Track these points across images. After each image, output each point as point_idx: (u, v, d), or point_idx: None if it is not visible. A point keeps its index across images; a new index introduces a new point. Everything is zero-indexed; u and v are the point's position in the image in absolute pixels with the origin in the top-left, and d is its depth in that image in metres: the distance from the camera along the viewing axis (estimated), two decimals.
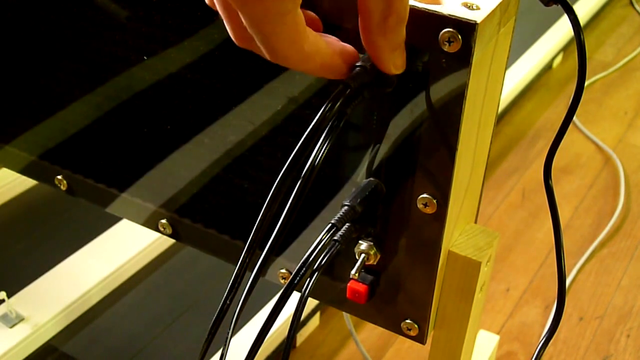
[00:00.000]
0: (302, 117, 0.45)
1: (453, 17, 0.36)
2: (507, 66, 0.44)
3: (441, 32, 0.36)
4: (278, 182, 0.36)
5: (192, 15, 0.46)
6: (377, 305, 0.48)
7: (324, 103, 0.35)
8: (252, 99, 0.47)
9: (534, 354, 0.50)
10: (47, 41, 0.54)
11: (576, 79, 0.42)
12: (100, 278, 1.08)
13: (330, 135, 0.36)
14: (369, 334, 1.15)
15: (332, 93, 0.36)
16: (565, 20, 1.80)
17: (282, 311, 0.37)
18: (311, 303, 1.11)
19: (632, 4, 2.14)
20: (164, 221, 0.56)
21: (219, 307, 0.39)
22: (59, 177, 0.61)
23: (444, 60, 0.37)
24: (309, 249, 0.39)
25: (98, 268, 1.10)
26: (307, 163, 0.36)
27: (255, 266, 0.37)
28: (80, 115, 0.56)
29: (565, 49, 1.84)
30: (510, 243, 1.34)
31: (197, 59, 0.47)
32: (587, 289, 1.25)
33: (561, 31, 1.80)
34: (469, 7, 0.37)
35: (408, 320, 0.48)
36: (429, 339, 0.49)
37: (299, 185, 0.36)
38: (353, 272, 0.44)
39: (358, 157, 0.44)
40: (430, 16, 0.36)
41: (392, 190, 0.43)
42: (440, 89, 0.38)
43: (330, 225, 0.41)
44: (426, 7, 0.36)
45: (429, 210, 0.42)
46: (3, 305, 1.01)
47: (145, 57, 0.50)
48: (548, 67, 1.81)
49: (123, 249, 1.13)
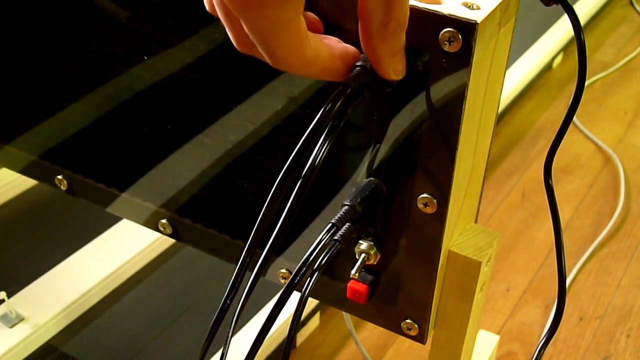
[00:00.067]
0: (302, 117, 0.45)
1: (453, 16, 0.36)
2: (507, 66, 0.44)
3: (441, 32, 0.36)
4: (278, 182, 0.36)
5: (192, 15, 0.46)
6: (377, 305, 0.48)
7: (324, 103, 0.35)
8: (253, 99, 0.47)
9: (534, 354, 0.50)
10: (47, 41, 0.54)
11: (576, 79, 0.42)
12: (100, 278, 1.08)
13: (331, 135, 0.36)
14: (369, 334, 1.15)
15: (332, 93, 0.36)
16: (565, 20, 1.80)
17: (282, 311, 0.37)
18: (311, 303, 1.11)
19: (632, 4, 2.14)
20: (164, 221, 0.56)
21: (220, 307, 0.39)
22: (59, 177, 0.61)
23: (444, 60, 0.37)
24: (309, 248, 0.39)
25: (98, 268, 1.10)
26: (307, 163, 0.36)
27: (255, 266, 0.37)
28: (81, 115, 0.56)
29: (565, 49, 1.84)
30: (510, 243, 1.34)
31: (198, 59, 0.47)
32: (587, 289, 1.25)
33: (561, 31, 1.80)
34: (469, 7, 0.37)
35: (408, 320, 0.48)
36: (429, 339, 0.49)
37: (299, 185, 0.36)
38: (353, 271, 0.44)
39: (358, 157, 0.44)
40: (430, 16, 0.36)
41: (392, 190, 0.43)
42: (440, 88, 0.38)
43: (330, 225, 0.41)
44: (426, 6, 0.36)
45: (429, 210, 0.42)
46: (3, 305, 1.01)
47: (145, 57, 0.50)
48: (548, 67, 1.81)
49: (123, 249, 1.13)
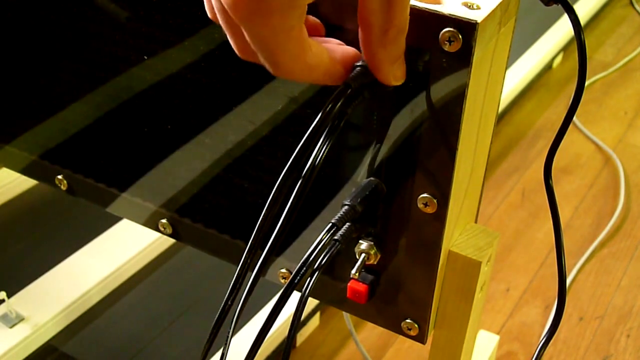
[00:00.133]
0: (302, 116, 0.45)
1: (453, 16, 0.36)
2: (507, 66, 0.44)
3: (441, 32, 0.36)
4: (279, 183, 0.36)
5: (192, 15, 0.46)
6: (378, 305, 0.48)
7: (324, 103, 0.35)
8: (253, 99, 0.47)
9: (534, 354, 0.50)
10: (48, 41, 0.54)
11: (576, 79, 0.42)
12: (100, 278, 1.08)
13: (331, 136, 0.36)
14: (369, 334, 1.15)
15: (332, 93, 0.36)
16: (565, 20, 1.80)
17: (282, 311, 0.37)
18: (311, 303, 1.11)
19: (632, 4, 2.14)
20: (164, 221, 0.56)
21: (221, 308, 0.39)
22: (59, 176, 0.61)
23: (444, 60, 0.37)
24: (309, 248, 0.39)
25: (98, 268, 1.10)
26: (307, 163, 0.36)
27: (255, 266, 0.37)
28: (81, 115, 0.56)
29: (565, 49, 1.84)
30: (510, 243, 1.34)
31: (198, 59, 0.47)
32: (587, 289, 1.25)
33: (561, 31, 1.80)
34: (469, 7, 0.37)
35: (408, 320, 0.48)
36: (429, 339, 0.49)
37: (300, 185, 0.36)
38: (353, 271, 0.44)
39: (358, 156, 0.44)
40: (430, 16, 0.36)
41: (393, 190, 0.43)
42: (440, 88, 0.38)
43: (330, 224, 0.41)
44: (426, 6, 0.36)
45: (429, 210, 0.42)
46: (3, 305, 1.01)
47: (145, 57, 0.50)
48: (548, 67, 1.81)
49: (123, 249, 1.13)
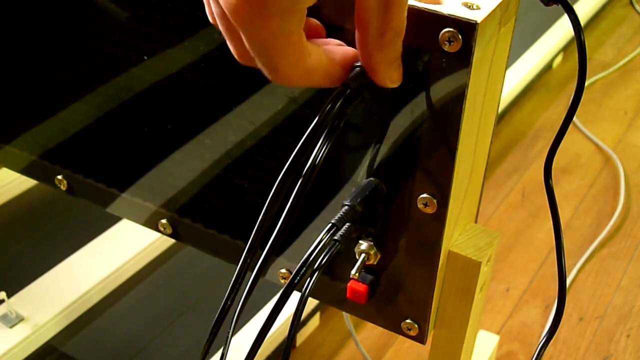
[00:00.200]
0: (302, 117, 0.45)
1: (453, 17, 0.36)
2: (507, 66, 0.44)
3: (441, 32, 0.36)
4: (279, 183, 0.36)
5: (192, 15, 0.46)
6: (377, 305, 0.48)
7: (324, 103, 0.35)
8: (253, 99, 0.47)
9: (534, 354, 0.50)
10: (47, 41, 0.54)
11: (576, 79, 0.42)
12: (100, 278, 1.08)
13: (330, 136, 0.36)
14: (368, 334, 1.15)
15: (332, 93, 0.36)
16: (565, 20, 1.80)
17: (282, 311, 0.37)
18: (311, 303, 1.11)
19: (632, 4, 2.14)
20: (164, 221, 0.56)
21: (220, 307, 0.39)
22: (59, 177, 0.60)
23: (444, 60, 0.37)
24: (309, 248, 0.39)
25: (98, 268, 1.10)
26: (307, 163, 0.36)
27: (255, 266, 0.37)
28: (81, 115, 0.56)
29: (565, 49, 1.84)
30: (510, 243, 1.34)
31: (198, 59, 0.47)
32: (587, 289, 1.25)
33: (561, 31, 1.80)
34: (469, 7, 0.36)
35: (408, 320, 0.48)
36: (429, 339, 0.49)
37: (299, 186, 0.36)
38: (353, 272, 0.44)
39: (358, 157, 0.44)
40: (430, 16, 0.36)
41: (393, 190, 0.43)
42: (440, 89, 0.38)
43: (330, 225, 0.41)
44: (426, 6, 0.36)
45: (429, 210, 0.42)
46: (3, 305, 1.01)
47: (145, 57, 0.50)
48: (548, 67, 1.81)
49: (123, 249, 1.13)
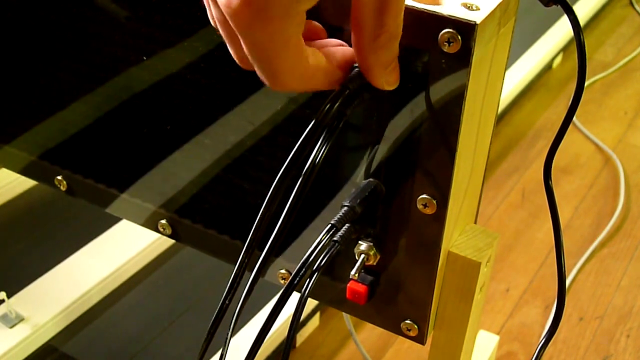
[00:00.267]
0: (301, 117, 0.45)
1: (453, 17, 0.36)
2: (507, 66, 0.44)
3: (441, 33, 0.36)
4: (276, 184, 0.36)
5: (192, 16, 0.46)
6: (377, 305, 0.48)
7: (323, 103, 0.35)
8: (252, 99, 0.47)
9: (534, 354, 0.50)
10: (47, 41, 0.54)
11: (576, 79, 0.42)
12: (100, 278, 1.08)
13: (330, 136, 0.36)
14: (368, 334, 1.15)
15: (330, 94, 0.36)
16: (565, 20, 1.80)
17: (282, 311, 0.37)
18: (311, 303, 1.11)
19: (632, 4, 2.14)
20: (163, 222, 0.56)
21: (218, 308, 0.39)
22: (59, 177, 0.60)
23: (443, 61, 0.37)
24: (309, 249, 0.39)
25: (98, 268, 1.10)
26: (306, 164, 0.36)
27: (255, 266, 0.37)
28: (80, 115, 0.56)
29: (565, 49, 1.84)
30: (510, 243, 1.34)
31: (197, 59, 0.47)
32: (587, 289, 1.25)
33: (561, 31, 1.80)
34: (468, 8, 0.36)
35: (408, 321, 0.48)
36: (429, 340, 0.49)
37: (299, 186, 0.36)
38: (353, 272, 0.44)
39: (358, 157, 0.44)
40: (429, 17, 0.36)
41: (392, 191, 0.43)
42: (439, 89, 0.38)
43: (330, 225, 0.41)
44: (426, 7, 0.36)
45: (428, 210, 0.42)
46: (3, 305, 1.01)
47: (144, 58, 0.50)
48: (548, 67, 1.81)
49: (123, 249, 1.13)
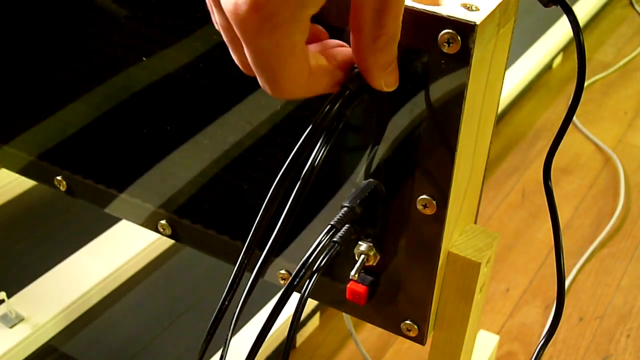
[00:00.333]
0: (300, 117, 0.45)
1: (452, 18, 0.36)
2: (507, 66, 0.44)
3: (440, 34, 0.36)
4: (276, 184, 0.36)
5: (191, 16, 0.46)
6: (377, 306, 0.48)
7: (323, 105, 0.35)
8: (251, 99, 0.47)
9: (533, 354, 0.50)
10: (47, 41, 0.54)
11: (576, 79, 0.42)
12: (100, 278, 1.08)
13: (329, 137, 0.36)
14: (368, 334, 1.15)
15: (330, 95, 0.36)
16: (565, 20, 1.80)
17: (282, 312, 0.37)
18: (311, 303, 1.11)
19: (632, 4, 2.14)
20: (163, 222, 0.56)
21: (218, 308, 0.39)
22: (59, 177, 0.60)
23: (443, 62, 0.37)
24: (309, 250, 0.39)
25: (98, 268, 1.10)
26: (306, 164, 0.36)
27: (255, 267, 0.37)
28: (80, 115, 0.56)
29: (565, 49, 1.84)
30: (510, 243, 1.34)
31: (196, 59, 0.47)
32: (587, 289, 1.25)
33: (561, 31, 1.80)
34: (468, 8, 0.36)
35: (408, 321, 0.48)
36: (429, 340, 0.49)
37: (299, 187, 0.36)
38: (353, 273, 0.44)
39: (357, 158, 0.44)
40: (429, 17, 0.36)
41: (392, 191, 0.43)
42: (439, 90, 0.38)
43: (329, 226, 0.41)
44: (425, 8, 0.36)
45: (428, 211, 0.42)
46: (3, 305, 1.01)
47: (144, 58, 0.50)
48: (548, 67, 1.81)
49: (123, 249, 1.13)
